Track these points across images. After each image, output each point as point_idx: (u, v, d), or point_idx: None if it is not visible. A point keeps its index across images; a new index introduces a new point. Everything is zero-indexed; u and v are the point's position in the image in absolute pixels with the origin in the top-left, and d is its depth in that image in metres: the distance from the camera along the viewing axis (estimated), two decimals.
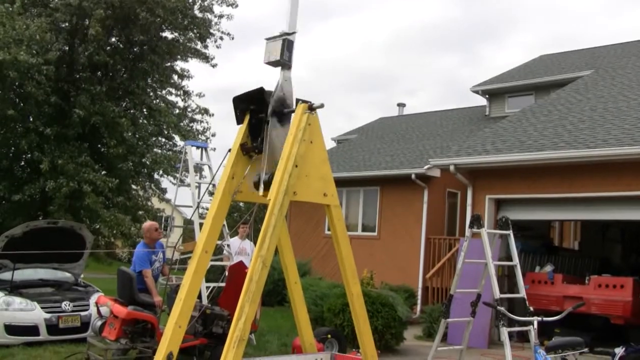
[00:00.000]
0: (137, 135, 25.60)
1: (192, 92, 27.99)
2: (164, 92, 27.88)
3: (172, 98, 28.00)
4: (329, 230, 9.98)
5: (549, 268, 14.70)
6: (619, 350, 11.04)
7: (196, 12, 26.07)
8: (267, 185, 5.72)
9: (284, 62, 5.93)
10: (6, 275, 11.35)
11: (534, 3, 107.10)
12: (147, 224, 10.36)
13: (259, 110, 5.96)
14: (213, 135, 28.10)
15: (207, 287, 11.42)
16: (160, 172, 26.77)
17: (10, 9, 22.00)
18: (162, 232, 10.58)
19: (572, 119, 14.97)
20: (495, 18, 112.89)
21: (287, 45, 5.90)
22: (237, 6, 26.21)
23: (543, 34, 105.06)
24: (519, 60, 66.76)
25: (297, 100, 5.90)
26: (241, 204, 27.35)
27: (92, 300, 11.27)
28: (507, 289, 13.47)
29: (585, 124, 14.35)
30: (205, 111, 27.61)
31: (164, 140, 27.89)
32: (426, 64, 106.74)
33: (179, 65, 27.78)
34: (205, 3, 26.22)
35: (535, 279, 14.37)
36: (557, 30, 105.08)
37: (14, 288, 11.24)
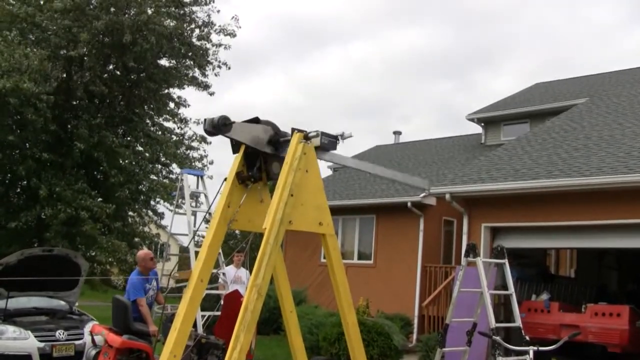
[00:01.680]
0: (136, 163, 25.63)
1: (190, 119, 28.09)
2: (160, 119, 27.97)
3: (169, 125, 28.12)
4: (324, 258, 9.98)
5: (545, 296, 14.67)
6: None
7: (194, 39, 26.23)
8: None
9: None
10: (0, 304, 11.30)
11: (527, 30, 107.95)
12: (142, 252, 10.34)
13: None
14: (211, 162, 28.20)
15: (203, 316, 11.37)
16: (157, 198, 26.79)
17: (9, 36, 22.13)
18: (156, 261, 10.56)
19: (566, 147, 15.02)
20: (490, 44, 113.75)
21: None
22: (235, 36, 26.40)
23: (537, 60, 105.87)
24: (514, 86, 67.18)
25: (293, 130, 5.93)
26: (237, 231, 27.32)
27: (87, 328, 11.22)
28: (503, 317, 13.43)
29: (580, 152, 14.40)
30: (203, 139, 27.67)
31: (160, 167, 27.94)
32: (421, 91, 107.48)
33: (176, 92, 27.93)
34: (204, 32, 26.39)
35: (531, 307, 14.35)
36: (551, 57, 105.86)
37: (8, 316, 11.18)
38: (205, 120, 5.78)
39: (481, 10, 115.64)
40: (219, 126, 5.72)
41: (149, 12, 23.70)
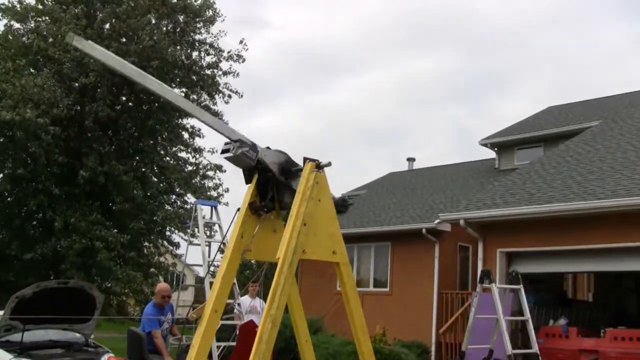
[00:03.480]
0: (148, 194, 25.71)
1: (204, 148, 28.21)
2: (174, 149, 28.11)
3: (183, 154, 28.24)
4: (340, 286, 9.98)
5: (562, 321, 14.54)
6: None
7: (203, 65, 26.49)
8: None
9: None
10: (16, 337, 11.30)
11: (538, 54, 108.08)
12: (164, 285, 10.30)
13: (267, 170, 6.00)
14: (226, 190, 28.20)
15: (218, 347, 11.33)
16: (172, 228, 26.85)
17: (21, 64, 22.41)
18: (171, 298, 10.55)
19: (581, 170, 14.97)
20: (501, 69, 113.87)
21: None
22: (244, 60, 26.61)
23: (549, 84, 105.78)
24: (526, 110, 67.15)
25: (305, 159, 5.94)
26: (253, 261, 27.32)
27: None
28: (520, 343, 13.29)
29: (594, 175, 14.34)
30: (218, 168, 27.75)
31: (174, 197, 28.03)
32: (433, 117, 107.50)
33: (189, 122, 28.07)
34: (213, 60, 26.67)
35: (549, 333, 14.21)
36: (563, 80, 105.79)
37: (24, 350, 11.17)
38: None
39: (491, 35, 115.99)
40: (340, 207, 6.07)
41: (154, 39, 23.92)
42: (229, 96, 27.26)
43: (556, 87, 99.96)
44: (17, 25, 24.92)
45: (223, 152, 5.82)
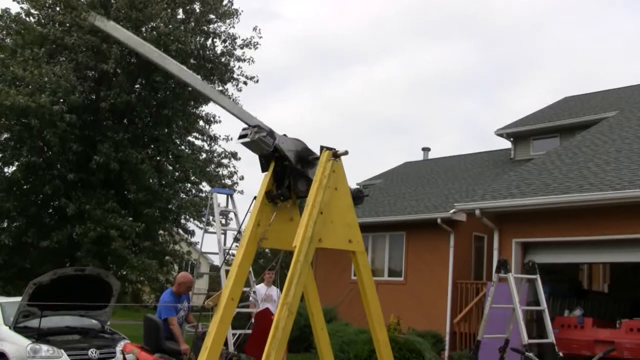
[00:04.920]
0: (163, 182, 25.78)
1: (219, 136, 28.20)
2: (190, 137, 28.15)
3: (198, 143, 28.27)
4: (355, 275, 9.97)
5: (578, 312, 14.51)
6: None
7: (217, 52, 26.49)
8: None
9: None
10: (34, 323, 11.41)
11: (553, 45, 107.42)
12: (187, 277, 10.28)
13: (283, 158, 5.99)
14: (241, 178, 28.22)
15: (234, 334, 11.38)
16: (187, 216, 26.91)
17: (39, 54, 22.50)
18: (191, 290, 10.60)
19: (597, 161, 14.90)
20: (516, 60, 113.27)
21: None
22: (258, 47, 26.57)
23: (564, 75, 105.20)
24: (541, 102, 66.83)
25: (322, 148, 5.94)
26: (267, 250, 27.35)
27: (119, 347, 11.29)
28: (536, 333, 13.29)
29: (611, 165, 14.26)
30: (233, 155, 27.76)
31: (189, 185, 28.08)
32: (448, 108, 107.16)
33: (205, 110, 28.09)
34: (227, 48, 26.64)
35: (564, 323, 14.19)
36: (578, 72, 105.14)
37: (41, 335, 11.30)
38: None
39: (505, 27, 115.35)
40: (355, 198, 6.06)
41: (169, 27, 23.96)
42: (245, 83, 27.22)
43: (572, 79, 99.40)
44: (33, 11, 24.99)
45: (240, 137, 5.83)
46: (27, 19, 24.65)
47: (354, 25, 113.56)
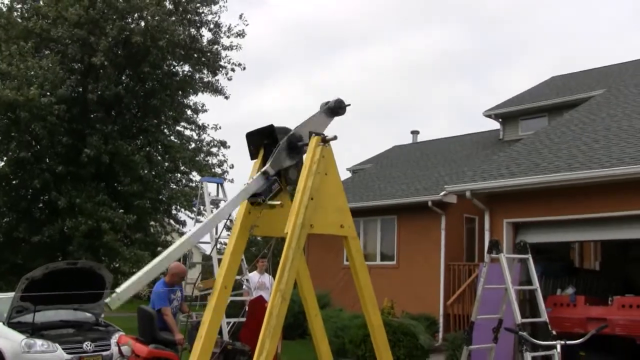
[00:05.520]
0: (153, 173, 25.72)
1: (208, 125, 28.15)
2: (178, 127, 28.09)
3: (187, 132, 28.23)
4: (347, 261, 10.01)
5: (570, 290, 14.55)
6: None
7: (204, 42, 26.37)
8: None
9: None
10: (27, 318, 11.40)
11: (541, 28, 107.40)
12: (180, 268, 10.27)
13: (272, 145, 5.98)
14: (231, 167, 28.26)
15: (228, 323, 11.40)
16: (178, 206, 26.89)
17: (25, 47, 22.35)
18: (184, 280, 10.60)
19: (586, 139, 14.92)
20: (503, 43, 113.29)
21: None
22: (244, 36, 26.48)
23: (552, 57, 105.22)
24: (529, 83, 66.85)
25: (310, 133, 5.92)
26: (259, 237, 27.37)
27: (113, 339, 11.30)
28: (528, 313, 13.32)
29: (600, 143, 14.29)
30: (222, 144, 27.72)
31: (179, 175, 28.03)
32: (436, 91, 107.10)
33: (193, 99, 28.02)
34: (214, 36, 26.54)
35: (557, 302, 14.23)
36: (566, 54, 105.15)
37: (36, 330, 11.29)
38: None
39: (493, 9, 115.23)
40: (336, 109, 6.27)
41: (156, 19, 23.84)
42: (232, 70, 27.13)
43: (559, 61, 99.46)
44: (16, 5, 24.82)
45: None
46: (10, 13, 24.46)
47: (343, 9, 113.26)
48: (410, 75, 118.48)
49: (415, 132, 31.15)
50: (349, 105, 6.33)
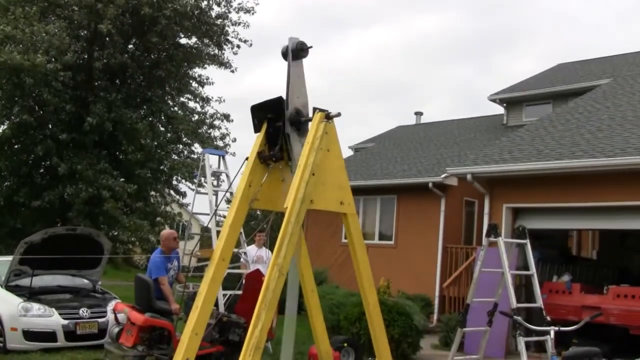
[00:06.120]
0: (156, 143, 25.68)
1: (212, 98, 28.08)
2: (182, 99, 28.02)
3: (191, 104, 28.15)
4: (345, 238, 10.01)
5: (566, 278, 14.61)
6: None
7: (213, 15, 26.19)
8: None
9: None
10: (25, 282, 11.46)
11: (549, 13, 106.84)
12: (166, 232, 10.42)
13: (276, 119, 5.97)
14: (233, 140, 28.24)
15: (224, 295, 11.44)
16: (179, 177, 26.88)
17: (31, 12, 22.21)
18: (179, 241, 10.64)
19: (590, 128, 14.90)
20: (511, 27, 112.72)
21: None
22: (254, 13, 26.33)
23: (559, 43, 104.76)
24: (535, 70, 66.62)
25: (314, 109, 5.91)
26: (258, 211, 27.38)
27: (110, 307, 11.35)
28: (524, 298, 13.40)
29: (604, 132, 14.27)
30: (226, 117, 27.63)
31: (181, 146, 27.99)
32: (441, 74, 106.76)
33: (197, 72, 27.90)
34: (222, 9, 26.35)
35: (552, 289, 14.29)
36: (572, 40, 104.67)
37: (33, 294, 11.34)
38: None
39: None
40: (297, 51, 6.00)
41: None
42: (238, 46, 26.99)
43: (566, 47, 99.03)
44: None
45: None
46: None
47: None
48: (416, 58, 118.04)
49: (419, 114, 31.10)
50: (311, 47, 6.16)
